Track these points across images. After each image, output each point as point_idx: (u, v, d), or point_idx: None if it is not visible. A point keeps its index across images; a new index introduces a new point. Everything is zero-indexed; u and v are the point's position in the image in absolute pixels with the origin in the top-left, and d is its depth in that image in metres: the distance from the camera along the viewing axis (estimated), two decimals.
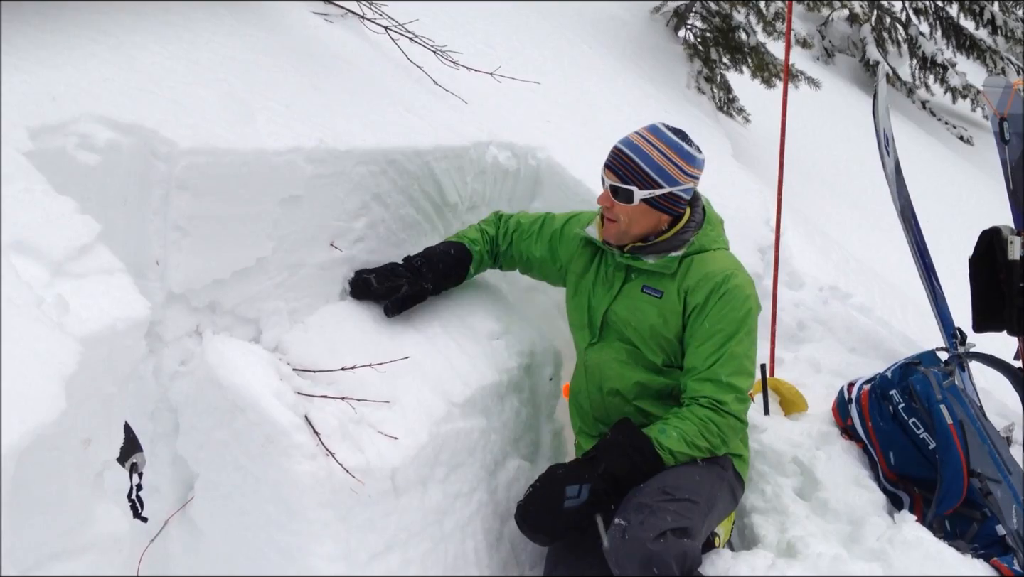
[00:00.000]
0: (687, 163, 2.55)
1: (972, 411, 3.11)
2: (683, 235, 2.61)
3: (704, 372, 2.52)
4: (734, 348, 2.52)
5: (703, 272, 2.57)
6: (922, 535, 2.64)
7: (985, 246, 3.70)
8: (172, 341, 2.12)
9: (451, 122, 3.15)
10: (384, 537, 2.18)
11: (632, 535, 2.24)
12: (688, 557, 2.26)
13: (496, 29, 4.84)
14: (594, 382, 2.72)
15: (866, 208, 6.76)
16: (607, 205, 2.58)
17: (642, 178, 2.51)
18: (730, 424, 2.51)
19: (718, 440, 2.49)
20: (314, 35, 3.18)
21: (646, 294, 2.61)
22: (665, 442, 2.44)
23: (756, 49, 6.67)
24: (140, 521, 1.99)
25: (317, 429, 2.08)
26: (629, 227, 2.59)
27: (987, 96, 3.94)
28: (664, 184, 2.52)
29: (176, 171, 1.99)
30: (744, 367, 2.55)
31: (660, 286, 2.60)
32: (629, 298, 2.64)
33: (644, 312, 2.60)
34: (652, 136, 2.56)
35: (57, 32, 2.15)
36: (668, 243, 2.60)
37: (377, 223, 2.65)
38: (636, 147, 2.53)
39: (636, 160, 2.52)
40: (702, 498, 2.42)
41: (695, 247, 2.61)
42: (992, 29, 11.58)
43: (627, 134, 2.60)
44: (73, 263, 1.58)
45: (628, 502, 2.37)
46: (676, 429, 2.46)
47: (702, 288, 2.55)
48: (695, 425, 2.47)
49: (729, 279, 2.55)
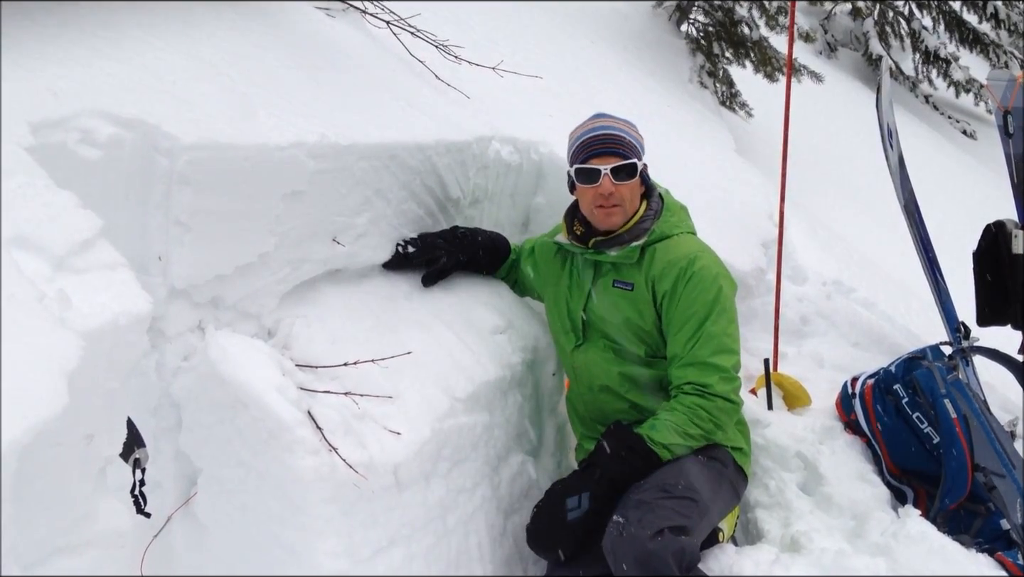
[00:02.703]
0: (639, 134, 2.69)
1: (976, 405, 3.10)
2: (642, 224, 2.64)
3: (685, 357, 2.54)
4: (710, 328, 2.53)
5: (667, 259, 2.60)
6: (926, 530, 2.63)
7: (989, 240, 3.68)
8: (174, 336, 2.12)
9: (453, 117, 3.15)
10: (387, 532, 2.18)
11: (630, 532, 2.25)
12: (686, 554, 2.26)
13: (498, 24, 4.82)
14: (584, 383, 2.75)
15: (869, 202, 6.74)
16: (611, 192, 2.58)
17: (635, 150, 2.61)
18: (719, 406, 2.50)
19: (711, 424, 2.49)
20: (316, 30, 3.17)
21: (617, 288, 2.65)
22: (656, 437, 2.45)
23: (759, 43, 6.65)
24: (143, 517, 1.99)
25: (320, 424, 2.08)
26: (631, 207, 2.63)
27: (991, 90, 3.92)
28: (643, 153, 2.66)
29: (178, 166, 1.99)
30: (724, 344, 2.54)
31: (629, 278, 2.64)
32: (602, 295, 2.68)
33: (618, 307, 2.64)
34: (607, 118, 2.68)
35: (59, 27, 2.15)
36: (629, 233, 2.63)
37: (379, 218, 2.64)
38: (612, 127, 2.62)
39: (623, 135, 2.60)
40: (701, 495, 2.42)
41: (656, 235, 2.65)
42: (995, 23, 11.53)
43: (580, 127, 2.68)
44: (75, 258, 1.58)
45: (627, 499, 2.38)
46: (666, 422, 2.47)
47: (668, 275, 2.58)
48: (684, 414, 2.47)
49: (694, 261, 2.58)
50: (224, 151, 2.09)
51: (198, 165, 2.02)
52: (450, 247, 2.79)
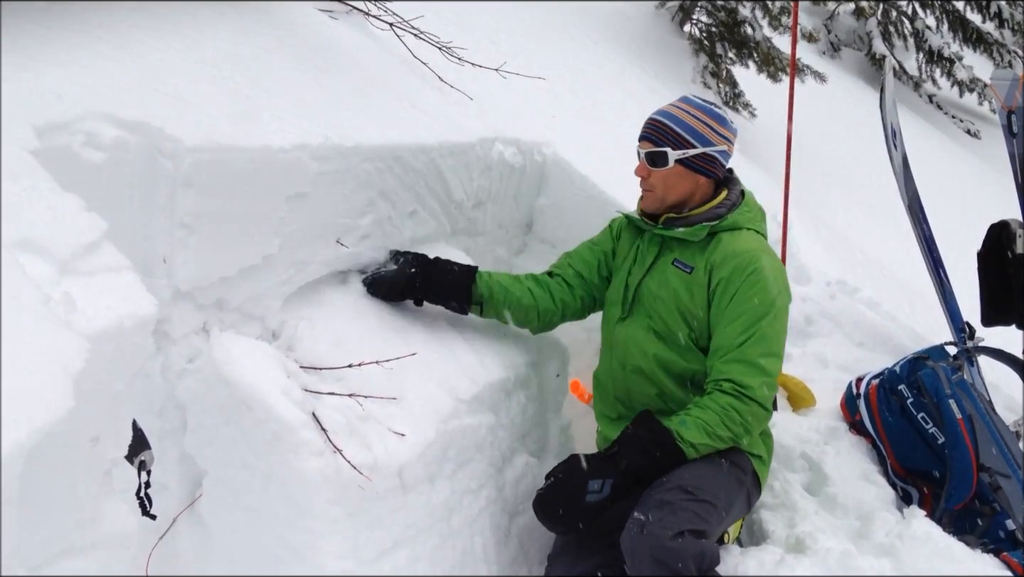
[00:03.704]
0: (718, 123, 2.63)
1: (981, 405, 3.10)
2: (717, 209, 2.63)
3: (733, 352, 2.47)
4: (765, 328, 2.47)
5: (731, 248, 2.57)
6: (931, 530, 2.63)
7: (993, 240, 3.68)
8: (179, 339, 2.12)
9: (457, 118, 3.15)
10: (392, 533, 2.18)
11: (651, 531, 2.23)
12: (707, 557, 2.25)
13: (501, 25, 4.83)
14: (618, 359, 2.69)
15: (873, 202, 6.74)
16: (644, 175, 2.63)
17: (674, 139, 2.58)
18: (753, 412, 2.44)
19: (741, 429, 2.43)
20: (319, 32, 3.17)
21: (676, 268, 2.63)
22: (686, 435, 2.39)
23: (761, 44, 6.66)
24: (149, 519, 1.99)
25: (324, 426, 2.08)
26: (666, 193, 2.63)
27: (995, 89, 3.91)
28: (697, 144, 2.58)
29: (182, 168, 1.99)
30: (774, 350, 2.50)
31: (691, 261, 2.61)
32: (660, 272, 2.65)
33: (672, 284, 2.61)
34: (682, 103, 2.66)
35: (62, 30, 2.15)
36: (700, 216, 2.62)
37: (383, 220, 2.64)
38: (668, 113, 2.63)
39: (668, 123, 2.60)
40: (720, 501, 2.40)
41: (728, 223, 2.61)
42: (999, 22, 11.54)
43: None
44: (80, 261, 1.57)
45: (649, 497, 2.35)
46: (697, 420, 2.41)
47: (728, 263, 2.54)
48: (716, 414, 2.41)
49: (759, 258, 2.54)
50: (228, 153, 2.09)
51: (202, 167, 2.02)
52: (401, 267, 2.62)
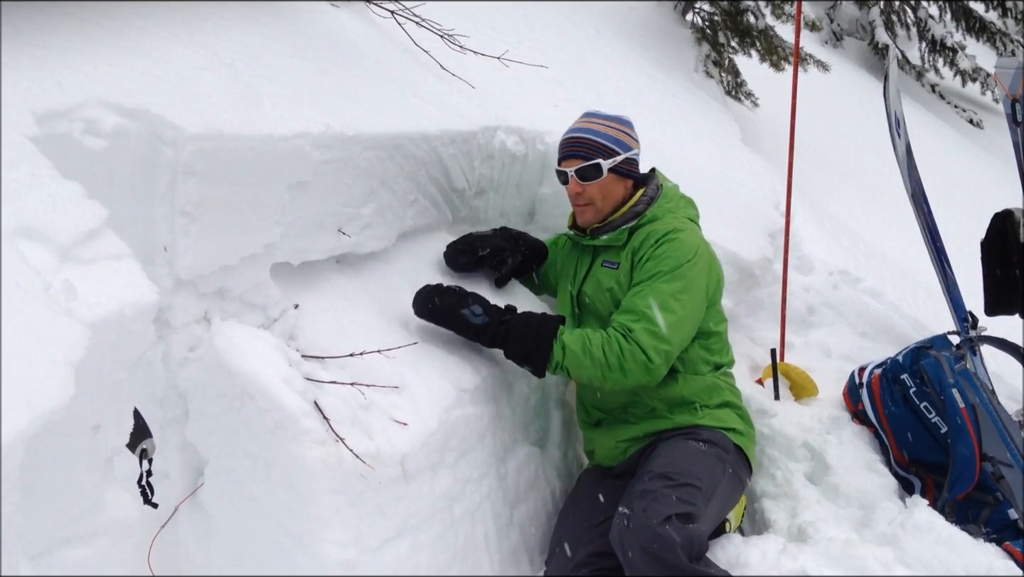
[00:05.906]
0: (630, 128, 2.79)
1: (984, 395, 3.09)
2: (635, 208, 2.72)
3: (625, 304, 2.57)
4: (661, 285, 2.55)
5: (649, 230, 2.67)
6: (934, 519, 2.63)
7: (997, 229, 3.67)
8: (180, 327, 2.12)
9: (458, 107, 3.13)
10: (394, 522, 2.18)
11: (637, 522, 2.25)
12: (695, 543, 2.26)
13: (503, 13, 4.81)
14: None
15: (876, 192, 6.73)
16: (579, 191, 2.71)
17: (601, 150, 2.68)
18: (632, 352, 2.46)
19: (616, 360, 2.46)
20: (320, 19, 3.16)
21: (605, 268, 2.74)
22: (565, 337, 2.49)
23: (765, 32, 6.63)
24: (150, 507, 1.99)
25: (326, 415, 2.07)
26: (604, 203, 2.73)
27: (999, 78, 3.90)
28: (620, 150, 2.71)
29: (183, 156, 1.97)
30: (666, 304, 2.52)
31: (616, 258, 2.72)
32: (593, 276, 2.77)
33: (604, 283, 2.71)
34: (593, 117, 2.79)
35: (63, 17, 2.14)
36: (622, 218, 2.72)
37: (384, 209, 2.64)
38: (586, 129, 2.73)
39: (591, 137, 2.70)
40: (703, 482, 2.43)
41: (647, 218, 2.71)
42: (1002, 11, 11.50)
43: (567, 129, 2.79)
44: (81, 248, 1.57)
45: (631, 490, 2.38)
46: (583, 334, 2.50)
47: (647, 243, 2.64)
48: (601, 337, 2.49)
49: (675, 232, 2.63)
50: (229, 141, 2.08)
51: (203, 155, 2.01)
52: (513, 247, 2.87)
